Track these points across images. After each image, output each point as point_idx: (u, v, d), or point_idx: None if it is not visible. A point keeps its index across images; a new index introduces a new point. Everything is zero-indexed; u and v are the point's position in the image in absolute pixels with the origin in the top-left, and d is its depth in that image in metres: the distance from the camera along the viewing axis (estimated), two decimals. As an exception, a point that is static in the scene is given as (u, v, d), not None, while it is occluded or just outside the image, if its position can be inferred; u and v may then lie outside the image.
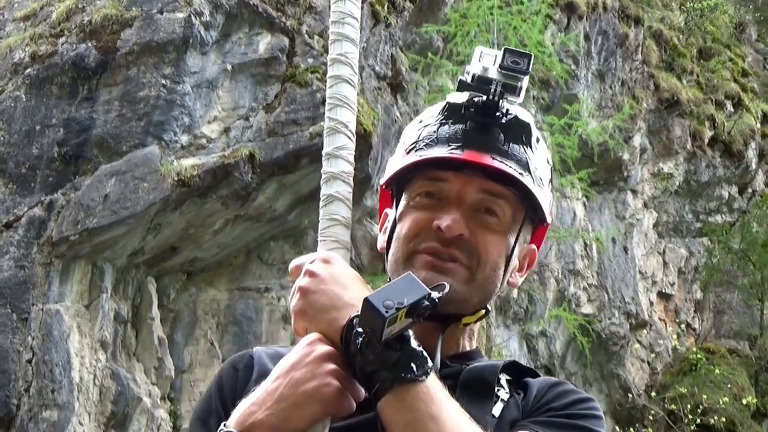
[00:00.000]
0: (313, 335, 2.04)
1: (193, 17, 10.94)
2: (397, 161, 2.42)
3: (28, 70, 11.01)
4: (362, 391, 2.00)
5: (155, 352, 11.16)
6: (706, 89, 20.69)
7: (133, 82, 10.87)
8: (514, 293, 15.86)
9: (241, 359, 2.46)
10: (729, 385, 18.21)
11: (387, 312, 1.87)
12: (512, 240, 2.36)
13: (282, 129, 11.04)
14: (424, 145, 2.34)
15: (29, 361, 10.18)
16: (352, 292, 2.04)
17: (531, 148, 2.37)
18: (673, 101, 19.39)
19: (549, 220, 2.49)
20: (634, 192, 19.16)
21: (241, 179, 10.83)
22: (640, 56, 19.10)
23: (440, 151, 2.30)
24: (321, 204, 2.30)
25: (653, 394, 18.35)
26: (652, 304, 19.52)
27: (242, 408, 2.03)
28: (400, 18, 13.58)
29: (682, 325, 19.94)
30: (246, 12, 11.37)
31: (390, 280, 2.26)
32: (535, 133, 2.40)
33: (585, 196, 17.65)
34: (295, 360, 2.01)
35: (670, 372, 19.14)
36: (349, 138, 2.34)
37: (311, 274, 2.09)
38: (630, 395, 18.08)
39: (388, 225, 2.44)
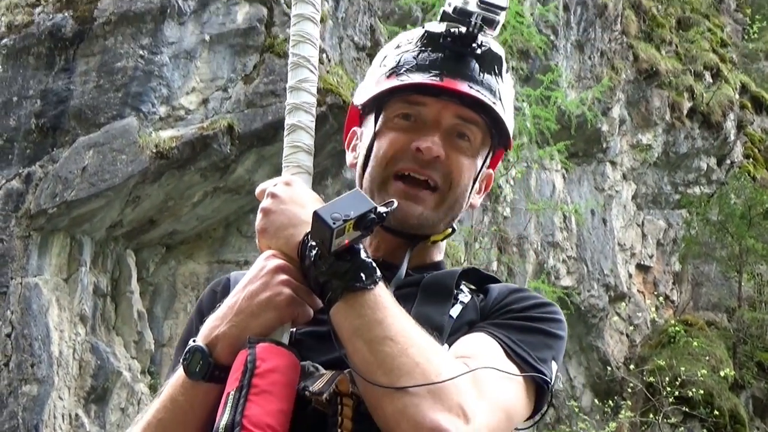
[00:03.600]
0: (269, 252, 2.22)
1: (170, -14, 10.84)
2: (375, 83, 2.56)
3: (5, 41, 10.88)
4: (317, 300, 2.17)
5: (135, 326, 11.10)
6: (685, 60, 20.70)
7: (111, 52, 10.77)
8: (494, 266, 15.85)
9: (218, 283, 2.61)
10: (707, 358, 18.27)
11: (334, 224, 2.01)
12: (479, 163, 2.54)
13: (261, 100, 10.97)
14: (405, 71, 2.48)
15: (8, 336, 10.10)
16: (309, 211, 2.13)
17: (502, 78, 2.55)
18: (652, 72, 19.39)
19: (511, 146, 2.65)
20: (612, 164, 19.17)
21: (219, 151, 10.75)
22: (619, 27, 19.08)
23: (421, 77, 2.45)
24: (285, 132, 2.45)
25: (632, 366, 18.39)
26: (630, 276, 19.57)
27: (208, 324, 2.22)
28: (379, -12, 13.51)
29: (661, 298, 19.99)
30: (224, -19, 11.28)
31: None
32: (505, 64, 2.59)
33: (564, 168, 17.66)
34: (252, 275, 2.20)
35: (648, 344, 19.21)
36: (311, 71, 2.49)
37: (273, 196, 2.27)
38: (609, 368, 18.13)
39: (359, 142, 2.62)
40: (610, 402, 17.42)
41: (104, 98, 10.64)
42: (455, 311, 2.37)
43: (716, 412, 17.20)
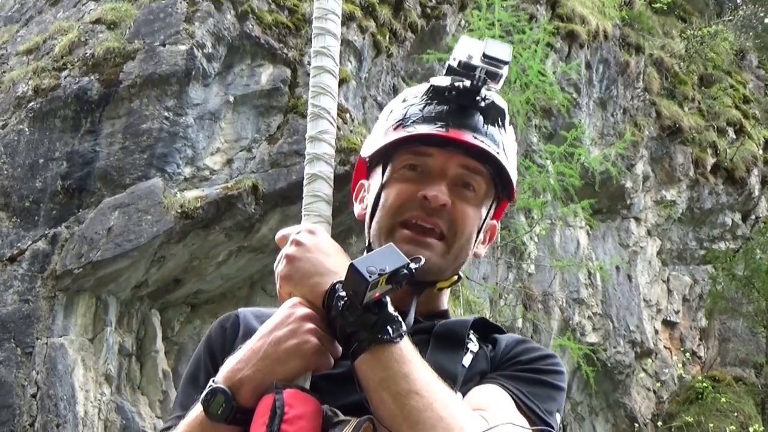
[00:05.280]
0: (295, 299, 2.25)
1: (195, 49, 10.95)
2: (381, 136, 2.63)
3: (32, 104, 11.02)
4: (339, 349, 2.21)
5: (160, 385, 11.11)
6: (708, 116, 20.69)
7: (136, 114, 10.88)
8: (519, 323, 15.81)
9: (227, 319, 2.65)
10: (735, 414, 18.14)
11: (370, 277, 2.05)
12: (484, 213, 2.61)
13: (285, 160, 11.04)
14: (411, 122, 2.56)
15: (34, 396, 10.13)
16: (334, 260, 2.26)
17: (505, 129, 2.63)
18: (675, 128, 19.41)
19: (515, 196, 2.74)
20: (637, 220, 19.13)
21: (244, 210, 10.81)
22: (641, 84, 19.14)
23: (427, 128, 2.52)
24: (305, 182, 2.53)
25: (659, 423, 18.27)
26: (657, 332, 19.46)
27: (229, 365, 2.24)
28: (402, 48, 13.62)
29: (688, 353, 19.85)
30: (248, 44, 11.40)
31: (370, 245, 2.56)
32: (508, 117, 2.66)
33: (588, 225, 17.63)
34: (278, 321, 2.22)
35: (676, 400, 19.06)
36: (331, 123, 2.57)
37: (297, 243, 2.31)
38: (636, 424, 17.99)
39: (366, 194, 2.69)
40: (639, 459, 17.29)
41: (130, 159, 10.74)
42: (467, 360, 2.44)
43: (746, 469, 17.06)
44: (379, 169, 2.62)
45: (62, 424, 10.06)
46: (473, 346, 2.50)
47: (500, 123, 2.60)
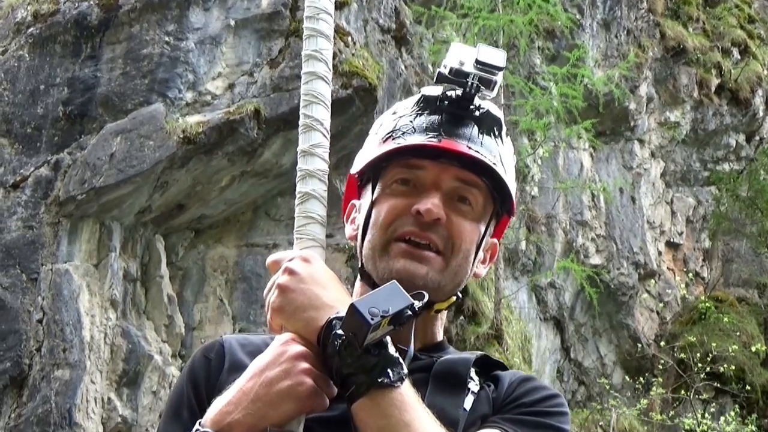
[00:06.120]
0: (287, 335, 2.08)
1: (194, -28, 10.90)
2: (371, 150, 2.45)
3: (31, 29, 10.98)
4: (335, 389, 2.05)
5: (165, 310, 11.18)
6: (713, 36, 20.53)
7: (136, 39, 10.85)
8: (522, 245, 15.86)
9: (211, 348, 2.44)
10: (738, 333, 18.26)
11: (372, 319, 1.92)
12: (482, 229, 2.42)
13: (287, 84, 11.01)
14: (402, 134, 2.38)
15: (40, 321, 10.22)
16: (330, 293, 2.09)
17: (502, 140, 2.45)
18: (679, 49, 19.27)
19: (515, 211, 2.55)
20: (641, 142, 19.09)
21: (246, 135, 10.80)
22: (645, 4, 18.97)
23: (418, 139, 2.35)
24: (296, 201, 2.32)
25: (663, 343, 18.38)
26: (660, 253, 19.51)
27: (218, 407, 2.08)
28: (404, -30, 13.51)
29: (691, 274, 19.93)
30: (248, -34, 11.32)
31: (363, 266, 2.38)
32: (504, 127, 2.48)
33: (592, 147, 17.62)
34: (270, 359, 2.06)
35: (679, 321, 19.17)
36: (324, 135, 2.36)
37: (290, 272, 2.12)
38: (639, 345, 18.10)
39: (357, 214, 2.49)
40: (641, 379, 17.39)
41: (131, 85, 10.73)
42: (468, 403, 2.31)
43: (748, 388, 17.19)
44: (370, 186, 2.44)
45: (68, 349, 10.15)
46: (474, 385, 2.35)
47: (496, 133, 2.44)
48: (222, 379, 2.26)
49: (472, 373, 2.37)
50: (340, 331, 1.99)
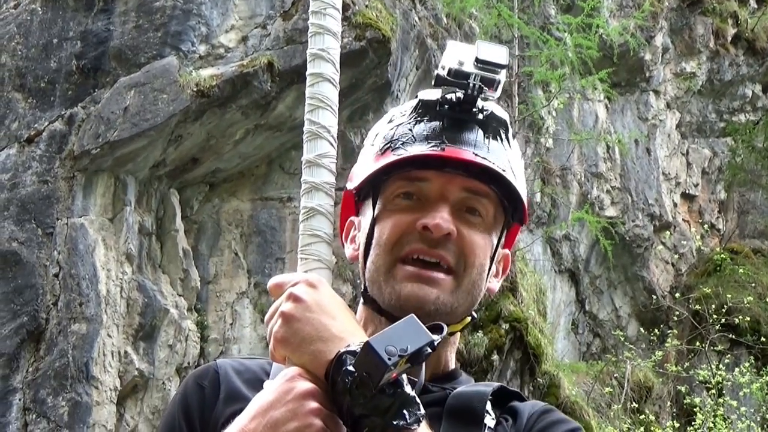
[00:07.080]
0: (293, 370, 1.91)
1: (206, -76, 10.84)
2: (368, 164, 2.27)
3: (43, -18, 10.95)
4: (344, 429, 1.88)
5: (180, 264, 11.20)
6: (729, -15, 20.41)
7: (149, -9, 10.81)
8: (537, 197, 15.83)
9: (205, 374, 2.27)
10: (753, 285, 18.22)
11: (390, 359, 1.77)
12: (495, 241, 2.26)
13: (300, 36, 10.95)
14: (401, 144, 2.20)
15: (56, 275, 10.24)
16: (340, 323, 1.92)
17: (509, 143, 2.27)
18: (695, -1, 19.17)
19: (527, 219, 2.38)
20: (656, 93, 19.00)
21: (260, 88, 10.77)
22: (661, -47, 18.83)
23: (419, 149, 2.17)
24: (301, 217, 2.16)
25: (677, 295, 18.35)
26: (675, 205, 19.47)
27: None
28: None
29: (706, 226, 19.84)
30: None
31: (366, 287, 2.21)
32: (511, 129, 2.31)
33: (607, 98, 17.52)
34: (275, 397, 1.89)
35: (694, 273, 19.15)
36: (331, 144, 2.18)
37: (296, 299, 1.95)
38: (654, 297, 18.10)
39: (357, 233, 2.31)
40: (656, 331, 17.37)
41: (144, 38, 10.70)
42: None
43: (763, 339, 17.17)
44: (369, 202, 2.25)
45: (85, 303, 10.18)
46: (490, 420, 2.16)
47: (503, 136, 2.25)
48: (218, 411, 2.14)
49: (488, 407, 2.18)
50: (351, 368, 1.82)
